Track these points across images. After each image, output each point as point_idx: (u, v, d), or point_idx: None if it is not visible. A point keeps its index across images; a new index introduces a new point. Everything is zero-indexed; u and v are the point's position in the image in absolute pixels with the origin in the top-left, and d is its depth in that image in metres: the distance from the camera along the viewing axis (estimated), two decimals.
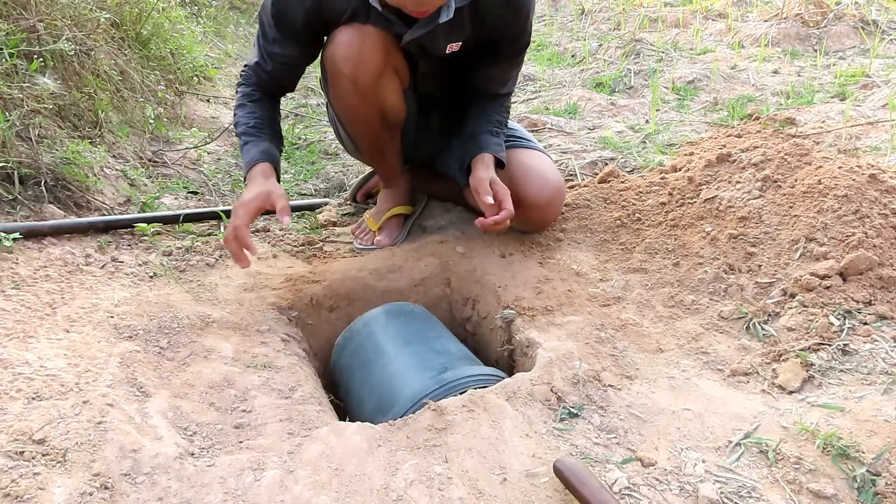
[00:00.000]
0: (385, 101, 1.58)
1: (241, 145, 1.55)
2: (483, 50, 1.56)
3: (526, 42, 1.57)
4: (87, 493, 0.86)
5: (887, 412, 1.02)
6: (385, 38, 1.47)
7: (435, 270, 1.67)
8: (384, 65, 1.50)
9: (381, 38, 1.46)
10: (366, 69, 1.48)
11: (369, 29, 1.45)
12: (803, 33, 3.66)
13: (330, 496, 0.91)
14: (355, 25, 1.45)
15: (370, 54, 1.46)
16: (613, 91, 3.12)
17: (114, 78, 2.25)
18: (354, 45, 1.45)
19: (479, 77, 1.64)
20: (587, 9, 4.88)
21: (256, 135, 1.53)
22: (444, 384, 1.17)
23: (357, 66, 1.47)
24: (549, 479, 0.95)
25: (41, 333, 1.19)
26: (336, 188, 2.33)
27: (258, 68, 1.55)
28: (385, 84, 1.55)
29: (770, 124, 2.34)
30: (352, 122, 1.67)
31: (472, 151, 1.59)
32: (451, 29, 1.45)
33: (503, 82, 1.65)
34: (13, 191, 1.61)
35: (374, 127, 1.64)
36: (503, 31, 1.50)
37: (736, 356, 1.26)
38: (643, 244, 1.65)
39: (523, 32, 1.53)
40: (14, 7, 1.90)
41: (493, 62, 1.59)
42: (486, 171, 1.54)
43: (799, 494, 0.92)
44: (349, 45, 1.46)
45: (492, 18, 1.47)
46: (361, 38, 1.45)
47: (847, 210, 1.41)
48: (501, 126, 1.67)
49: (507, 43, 1.54)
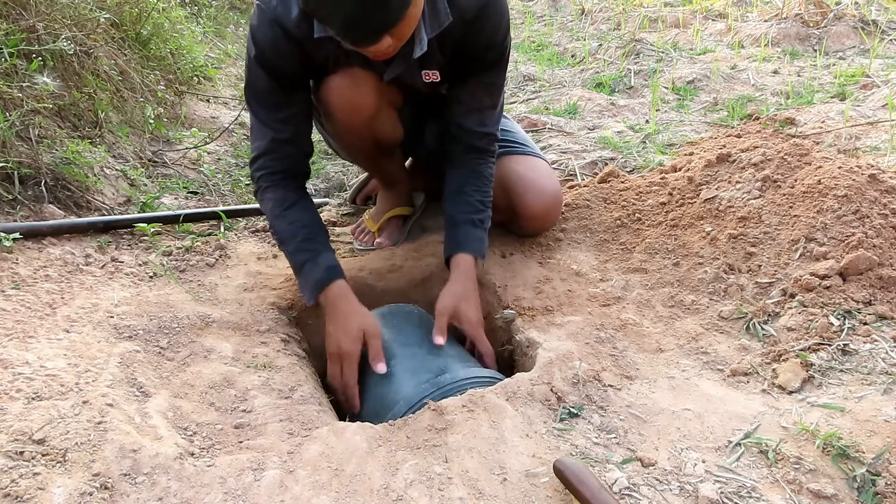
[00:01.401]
0: (381, 132, 1.56)
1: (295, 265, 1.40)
2: (456, 73, 1.47)
3: (499, 56, 1.44)
4: (87, 493, 0.86)
5: (887, 412, 1.02)
6: (376, 79, 1.42)
7: (435, 270, 1.67)
8: (378, 106, 1.47)
9: (372, 82, 1.42)
10: (360, 116, 1.45)
11: (361, 74, 1.40)
12: (803, 33, 3.66)
13: (330, 496, 0.91)
14: (347, 71, 1.40)
15: (364, 102, 1.43)
16: (613, 91, 3.12)
17: (114, 78, 2.25)
18: (348, 95, 1.41)
19: (456, 110, 1.52)
20: (587, 9, 4.88)
21: (312, 248, 1.38)
22: (441, 387, 1.17)
23: (352, 114, 1.45)
24: (549, 479, 0.95)
25: (41, 333, 1.19)
26: (336, 188, 2.33)
27: (274, 147, 1.41)
28: (380, 119, 1.52)
29: (770, 124, 2.34)
30: (347, 151, 1.71)
31: (450, 247, 1.49)
32: (423, 59, 1.38)
33: (480, 112, 1.51)
34: (13, 191, 1.61)
35: (370, 152, 1.65)
36: (474, 48, 1.41)
37: (736, 356, 1.26)
38: (643, 244, 1.65)
39: (493, 47, 1.41)
40: (14, 7, 1.90)
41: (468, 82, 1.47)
42: (454, 291, 1.41)
43: (799, 494, 0.91)
44: (342, 93, 1.42)
45: (461, 40, 1.38)
46: (355, 84, 1.41)
47: (847, 210, 1.41)
48: (484, 207, 1.53)
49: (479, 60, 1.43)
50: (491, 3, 1.36)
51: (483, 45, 1.40)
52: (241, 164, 2.55)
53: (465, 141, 1.53)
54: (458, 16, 1.33)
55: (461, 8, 1.33)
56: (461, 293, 1.41)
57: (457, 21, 1.33)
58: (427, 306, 1.64)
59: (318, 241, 1.40)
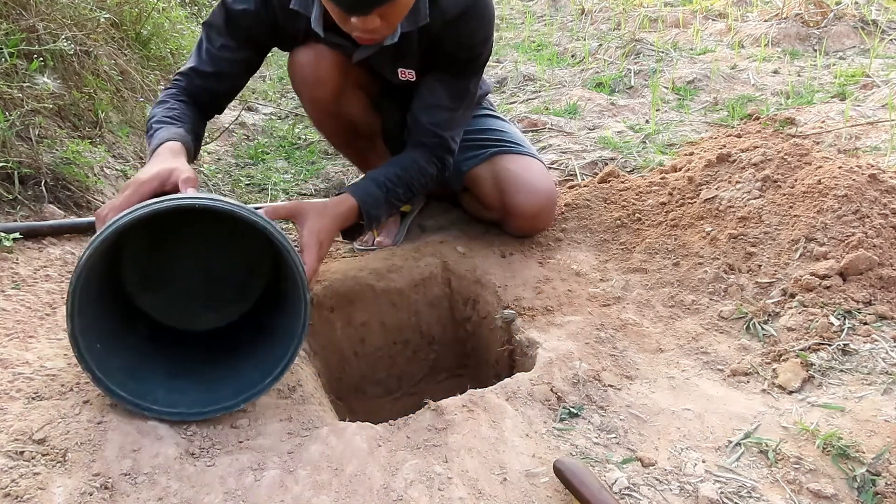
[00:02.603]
0: (351, 116, 1.58)
1: (149, 136, 1.29)
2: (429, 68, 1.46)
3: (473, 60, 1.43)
4: (87, 493, 0.86)
5: (887, 412, 1.02)
6: (342, 57, 1.45)
7: (435, 270, 1.67)
8: (341, 84, 1.50)
9: (337, 58, 1.45)
10: (323, 90, 1.49)
11: (324, 49, 1.44)
12: (803, 33, 3.66)
13: (330, 496, 0.91)
14: (312, 46, 1.44)
15: (326, 75, 1.46)
16: (613, 91, 3.12)
17: (114, 78, 2.25)
18: (310, 68, 1.46)
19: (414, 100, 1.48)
20: (587, 9, 4.88)
21: (171, 123, 1.30)
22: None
23: (314, 87, 1.48)
24: (549, 479, 0.95)
25: (41, 333, 1.19)
26: (336, 188, 2.33)
27: (193, 73, 1.40)
28: (347, 100, 1.54)
29: (770, 124, 2.34)
30: (323, 134, 1.73)
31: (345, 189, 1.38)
32: (399, 55, 1.40)
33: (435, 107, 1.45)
34: (13, 191, 1.61)
35: (346, 139, 1.67)
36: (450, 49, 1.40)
37: (736, 356, 1.26)
38: (643, 244, 1.65)
39: (470, 50, 1.40)
40: (14, 7, 1.90)
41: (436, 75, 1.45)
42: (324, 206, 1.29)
43: (799, 494, 0.92)
44: (305, 66, 1.46)
45: (439, 40, 1.38)
46: (318, 59, 1.45)
47: (847, 210, 1.41)
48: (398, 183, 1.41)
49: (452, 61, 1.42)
50: (475, 6, 1.36)
51: (455, 44, 1.39)
52: (242, 164, 2.55)
53: (415, 134, 1.48)
54: (439, 16, 1.34)
55: (443, 8, 1.34)
56: (320, 208, 1.28)
57: (438, 20, 1.34)
58: (427, 306, 1.64)
59: (184, 123, 1.32)
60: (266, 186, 2.29)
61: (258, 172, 2.43)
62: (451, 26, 1.36)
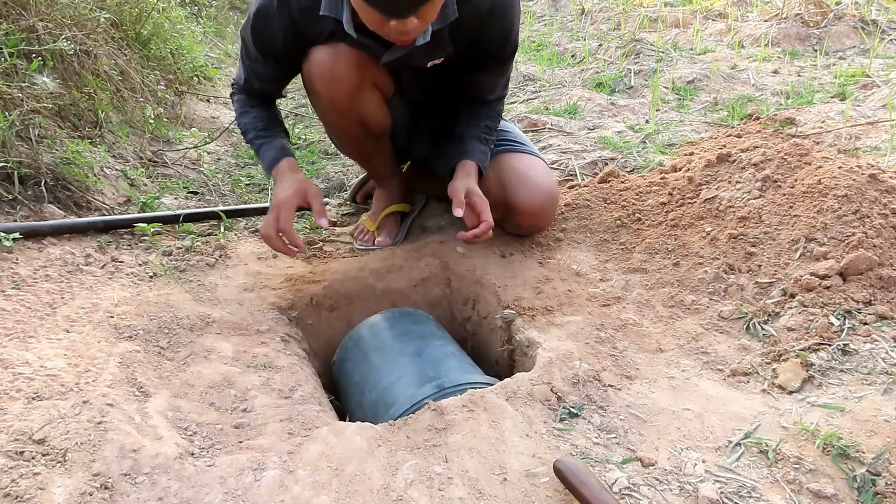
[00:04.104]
0: (365, 114, 1.59)
1: (255, 149, 1.57)
2: (467, 62, 1.54)
3: (511, 51, 1.54)
4: (87, 493, 0.86)
5: (887, 412, 1.02)
6: (359, 55, 1.46)
7: (435, 270, 1.67)
8: (359, 82, 1.50)
9: (354, 56, 1.46)
10: (340, 87, 1.49)
11: (343, 48, 1.45)
12: (803, 33, 3.66)
13: (330, 496, 0.91)
14: (330, 44, 1.45)
15: (344, 73, 1.47)
16: (613, 91, 3.12)
17: (114, 78, 2.25)
18: (327, 65, 1.46)
19: (466, 85, 1.63)
20: (587, 9, 4.88)
21: (269, 135, 1.56)
22: (442, 389, 1.17)
23: (331, 84, 1.49)
24: (549, 479, 0.95)
25: (41, 333, 1.19)
26: (336, 188, 2.33)
27: (247, 84, 1.57)
28: (363, 99, 1.55)
29: (770, 124, 2.34)
30: (334, 134, 1.73)
31: (456, 157, 1.58)
32: (431, 49, 1.43)
33: (492, 89, 1.64)
34: (13, 191, 1.61)
35: (357, 138, 1.66)
36: (487, 45, 1.48)
37: (736, 356, 1.26)
38: (643, 244, 1.65)
39: (507, 43, 1.50)
40: (14, 7, 1.90)
41: (480, 72, 1.58)
42: (464, 179, 1.53)
43: (799, 494, 0.92)
44: (322, 63, 1.47)
45: (474, 35, 1.44)
46: (335, 57, 1.46)
47: (847, 210, 1.41)
48: (490, 132, 1.65)
49: (493, 56, 1.52)
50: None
51: (488, 38, 1.47)
52: (241, 164, 2.55)
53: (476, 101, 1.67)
54: (471, 11, 1.38)
55: (475, 4, 1.38)
56: (469, 182, 1.53)
57: (471, 15, 1.39)
58: (427, 306, 1.64)
59: (275, 130, 1.58)
60: (266, 186, 2.29)
61: (258, 172, 2.43)
62: (484, 19, 1.41)
